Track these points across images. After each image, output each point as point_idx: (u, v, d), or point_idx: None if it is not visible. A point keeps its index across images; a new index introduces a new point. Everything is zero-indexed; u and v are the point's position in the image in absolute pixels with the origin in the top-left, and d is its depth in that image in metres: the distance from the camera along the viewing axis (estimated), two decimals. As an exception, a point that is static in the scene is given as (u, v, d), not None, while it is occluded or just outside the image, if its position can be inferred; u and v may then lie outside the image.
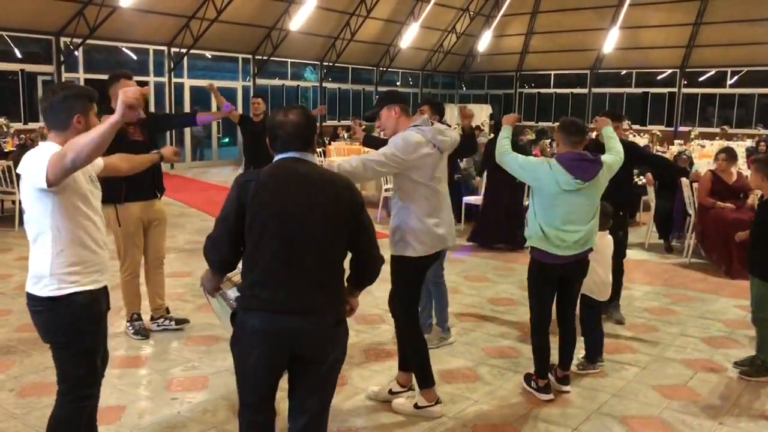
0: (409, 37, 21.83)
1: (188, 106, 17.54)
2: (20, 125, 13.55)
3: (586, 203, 3.81)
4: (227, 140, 19.33)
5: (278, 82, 20.39)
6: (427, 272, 3.87)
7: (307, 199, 2.43)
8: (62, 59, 14.92)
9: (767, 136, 13.82)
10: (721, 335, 5.20)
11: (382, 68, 23.30)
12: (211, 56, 18.65)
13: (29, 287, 2.67)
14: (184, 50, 16.99)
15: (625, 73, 23.39)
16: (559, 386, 4.06)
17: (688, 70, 21.94)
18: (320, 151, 13.35)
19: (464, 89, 27.62)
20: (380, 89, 23.04)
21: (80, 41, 14.94)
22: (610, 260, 4.44)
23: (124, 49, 16.54)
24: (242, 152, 8.02)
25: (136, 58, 16.78)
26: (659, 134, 17.67)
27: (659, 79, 22.75)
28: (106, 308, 2.82)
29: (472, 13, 23.81)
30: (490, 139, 8.40)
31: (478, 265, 7.39)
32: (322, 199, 2.45)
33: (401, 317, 3.75)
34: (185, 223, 9.60)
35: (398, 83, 24.89)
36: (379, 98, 3.84)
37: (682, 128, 21.08)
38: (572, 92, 24.34)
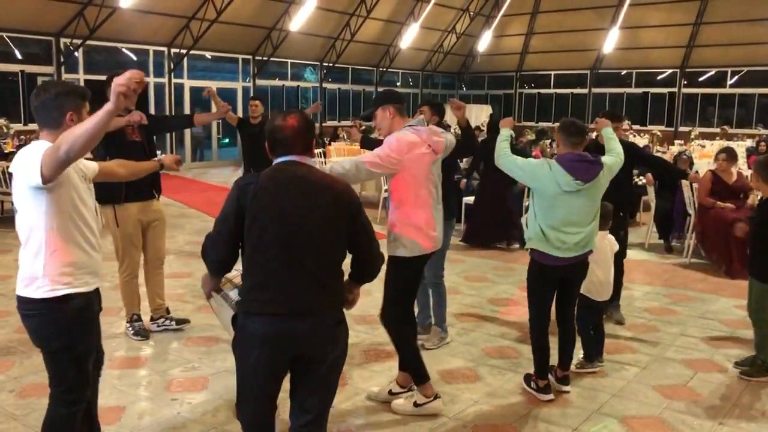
0: (409, 37, 21.83)
1: (188, 106, 17.55)
2: (20, 126, 13.54)
3: (586, 204, 3.80)
4: (227, 141, 19.33)
5: (278, 82, 20.40)
6: (419, 274, 3.88)
7: (306, 201, 2.45)
8: (62, 60, 14.92)
9: (767, 136, 13.81)
10: (721, 335, 5.20)
11: (382, 69, 23.30)
12: (211, 57, 18.65)
13: (20, 290, 2.61)
14: (184, 51, 17.00)
15: (625, 73, 23.39)
16: (559, 386, 4.06)
17: (688, 70, 21.93)
18: (320, 151, 13.34)
19: (464, 89, 27.62)
20: (380, 90, 23.06)
21: (80, 42, 14.94)
22: (610, 261, 4.43)
23: (124, 49, 16.54)
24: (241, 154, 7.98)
25: (136, 58, 16.78)
26: (659, 134, 17.68)
27: (659, 79, 22.75)
28: (98, 311, 2.78)
29: (472, 13, 23.82)
30: (483, 139, 8.41)
31: (478, 265, 7.39)
32: (321, 201, 2.47)
33: (389, 317, 3.76)
34: (185, 223, 9.61)
35: (398, 84, 24.89)
36: (375, 98, 3.86)
37: (682, 128, 21.10)
38: (572, 92, 24.33)
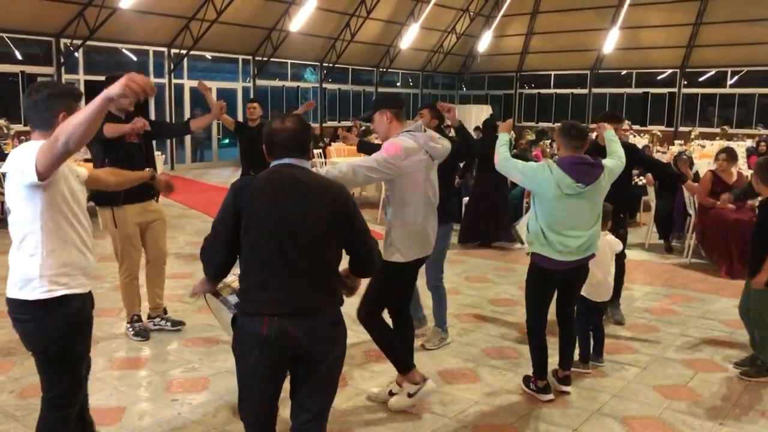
0: (409, 37, 21.83)
1: (188, 107, 17.55)
2: (21, 127, 13.53)
3: (588, 207, 3.79)
4: (227, 141, 19.33)
5: (278, 83, 20.40)
6: (412, 279, 3.89)
7: (303, 203, 2.47)
8: (62, 60, 14.93)
9: (767, 136, 13.81)
10: (721, 335, 5.19)
11: (382, 69, 23.31)
12: (211, 57, 18.66)
13: (13, 293, 2.53)
14: (184, 51, 17.00)
15: (625, 73, 23.39)
16: (559, 386, 4.05)
17: (688, 70, 21.94)
18: (319, 152, 13.35)
19: (464, 90, 27.63)
20: (380, 90, 23.09)
21: (80, 43, 14.95)
22: (609, 261, 4.41)
23: (124, 50, 16.54)
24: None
25: (136, 59, 16.79)
26: (659, 134, 17.68)
27: (659, 79, 22.75)
28: (91, 314, 2.74)
29: (472, 13, 23.82)
30: (478, 138, 8.43)
31: (478, 265, 7.39)
32: (317, 204, 2.49)
33: (365, 315, 3.75)
34: (185, 224, 9.61)
35: (398, 84, 24.90)
36: (374, 101, 3.88)
37: (682, 128, 21.10)
38: (572, 93, 24.34)
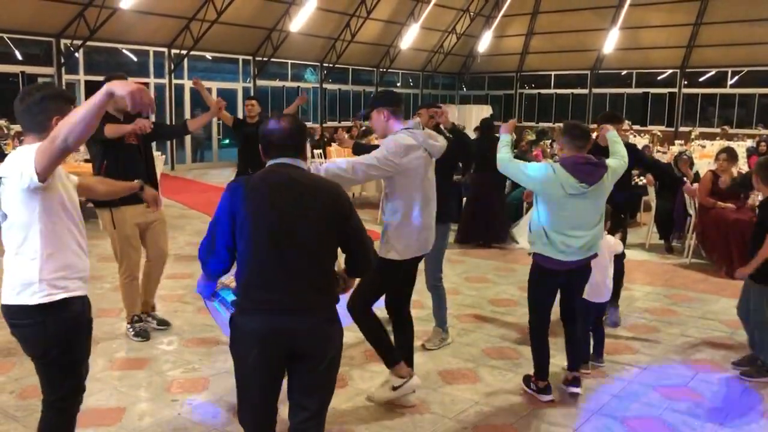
0: (409, 38, 21.83)
1: (188, 107, 17.56)
2: (21, 127, 13.56)
3: (591, 208, 3.77)
4: (227, 142, 19.32)
5: (278, 83, 20.40)
6: (410, 275, 3.89)
7: (298, 202, 2.49)
8: (62, 61, 14.93)
9: (767, 136, 13.81)
10: (722, 336, 5.19)
11: (382, 69, 23.31)
12: (211, 57, 18.66)
13: (10, 299, 2.49)
14: (184, 52, 17.00)
15: (625, 73, 23.39)
16: (569, 389, 3.99)
17: (688, 70, 21.93)
18: (320, 152, 13.36)
19: (464, 90, 27.63)
20: (380, 90, 23.04)
21: (80, 43, 14.95)
22: (608, 262, 4.40)
23: (124, 50, 16.55)
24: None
25: (136, 59, 16.80)
26: (660, 135, 17.68)
27: (659, 79, 22.75)
28: (90, 316, 2.73)
29: (472, 13, 23.82)
30: (475, 138, 8.43)
31: (478, 265, 7.39)
32: (313, 203, 2.51)
33: (357, 312, 3.75)
34: (185, 224, 9.60)
35: (398, 84, 24.90)
36: (372, 98, 3.88)
37: (682, 129, 21.09)
38: (573, 93, 24.34)
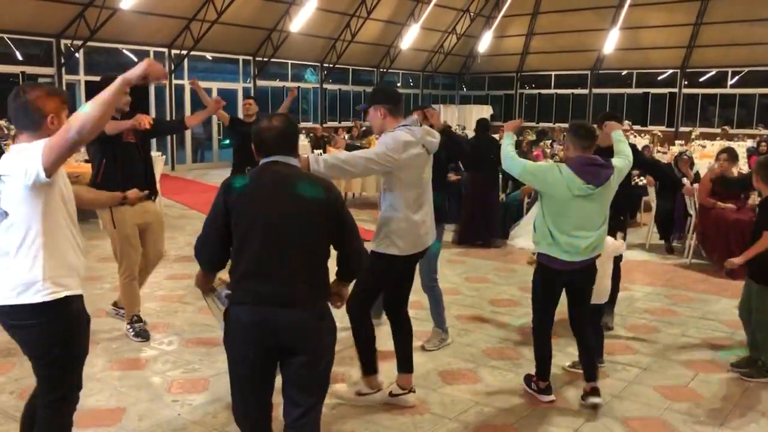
0: (409, 38, 21.84)
1: (188, 108, 17.55)
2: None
3: (597, 208, 3.75)
4: (228, 142, 19.32)
5: (279, 83, 20.40)
6: (410, 272, 3.88)
7: (290, 199, 2.55)
8: (63, 61, 14.93)
9: (768, 136, 13.81)
10: (722, 336, 5.19)
11: (382, 69, 23.31)
12: (211, 58, 18.66)
13: (11, 299, 2.45)
14: (184, 52, 17.00)
15: (625, 73, 23.39)
16: (590, 400, 3.82)
17: (688, 70, 21.93)
18: (320, 152, 13.36)
19: (465, 90, 27.63)
20: (379, 84, 23.05)
21: (81, 43, 14.95)
22: (607, 263, 4.36)
23: (124, 51, 16.56)
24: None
25: (136, 59, 16.75)
26: (660, 135, 17.68)
27: (660, 79, 22.75)
28: (88, 315, 2.72)
29: (472, 14, 23.82)
30: (472, 137, 8.43)
31: (478, 266, 7.39)
32: (304, 200, 2.56)
33: (356, 310, 3.76)
34: (185, 225, 9.59)
35: (399, 84, 24.88)
36: (371, 94, 3.89)
37: (683, 129, 21.09)
38: (573, 93, 24.34)
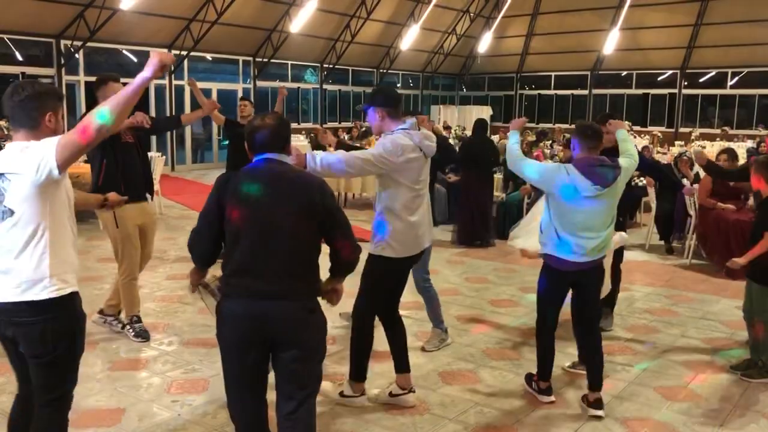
0: (409, 38, 21.83)
1: (188, 108, 17.53)
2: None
3: (604, 209, 3.73)
4: (227, 143, 19.31)
5: (279, 84, 20.39)
6: (406, 273, 3.89)
7: (282, 195, 2.60)
8: (63, 62, 14.92)
9: None
10: (722, 336, 5.19)
11: (382, 70, 23.31)
12: (211, 58, 18.65)
13: (16, 296, 2.43)
14: (184, 52, 16.98)
15: (625, 74, 23.40)
16: (591, 411, 3.75)
17: (688, 71, 21.93)
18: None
19: (465, 90, 27.63)
20: (379, 86, 23.06)
21: (81, 44, 14.94)
22: (608, 256, 4.37)
23: (124, 51, 16.54)
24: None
25: (136, 60, 16.76)
26: (660, 135, 17.68)
27: (660, 80, 22.75)
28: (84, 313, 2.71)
29: (472, 14, 23.82)
30: (469, 137, 8.44)
31: (478, 266, 7.38)
32: (296, 196, 2.61)
33: (361, 313, 3.76)
34: (185, 225, 9.59)
35: (399, 85, 24.89)
36: (370, 94, 3.91)
37: (683, 129, 21.08)
38: (573, 93, 24.35)
